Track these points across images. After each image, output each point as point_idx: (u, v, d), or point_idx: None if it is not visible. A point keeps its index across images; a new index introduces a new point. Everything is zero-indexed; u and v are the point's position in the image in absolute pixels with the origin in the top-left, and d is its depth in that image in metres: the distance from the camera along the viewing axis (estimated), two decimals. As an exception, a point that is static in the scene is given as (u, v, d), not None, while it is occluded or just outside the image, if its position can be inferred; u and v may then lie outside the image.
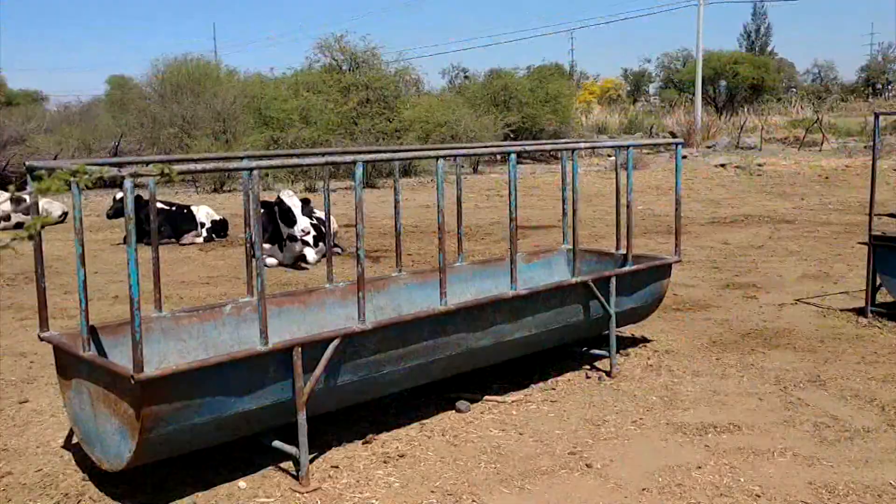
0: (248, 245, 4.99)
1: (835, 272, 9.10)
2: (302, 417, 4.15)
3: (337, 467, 4.35)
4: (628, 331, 6.65)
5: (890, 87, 76.55)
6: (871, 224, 7.24)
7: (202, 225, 12.54)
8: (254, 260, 4.25)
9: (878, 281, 7.13)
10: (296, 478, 4.19)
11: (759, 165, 23.67)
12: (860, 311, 7.21)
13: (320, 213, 10.41)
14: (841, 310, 7.41)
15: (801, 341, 6.49)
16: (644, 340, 6.56)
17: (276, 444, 4.32)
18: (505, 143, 15.33)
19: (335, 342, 4.25)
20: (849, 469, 4.20)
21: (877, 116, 7.23)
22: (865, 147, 28.15)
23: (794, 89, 74.78)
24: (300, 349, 4.11)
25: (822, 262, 9.74)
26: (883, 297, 7.22)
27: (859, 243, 7.12)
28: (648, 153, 27.07)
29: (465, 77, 40.35)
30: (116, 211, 12.35)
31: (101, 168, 2.22)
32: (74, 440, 4.44)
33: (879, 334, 6.65)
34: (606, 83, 73.71)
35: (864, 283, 7.26)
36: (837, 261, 9.76)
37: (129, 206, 3.52)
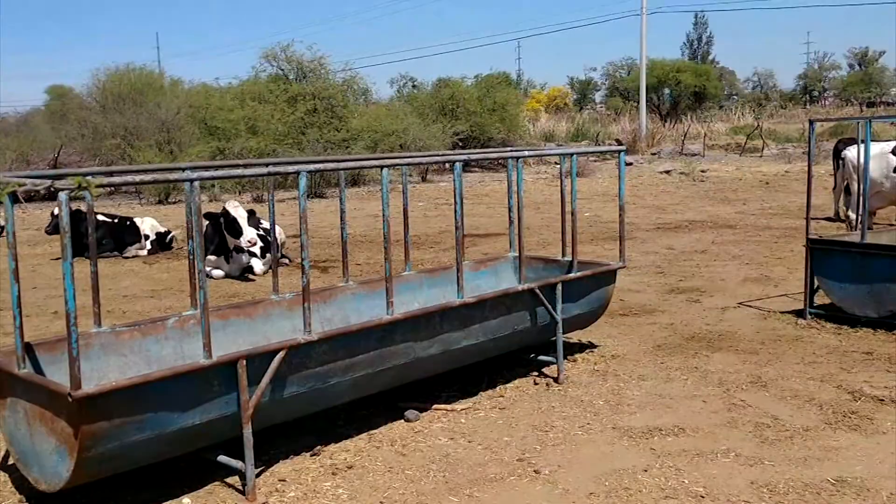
0: (190, 257, 4.92)
1: (775, 275, 9.31)
2: (248, 431, 4.10)
3: (284, 480, 4.31)
4: (575, 336, 6.71)
5: (826, 94, 78.75)
6: (809, 228, 7.42)
7: (146, 237, 12.34)
8: (196, 272, 4.19)
9: (816, 283, 7.31)
10: (242, 493, 4.13)
11: (703, 171, 24.13)
12: (799, 313, 7.38)
13: (267, 224, 10.31)
14: (781, 312, 7.58)
15: (743, 344, 6.62)
16: (591, 346, 6.63)
17: (222, 458, 4.26)
18: (450, 152, 15.35)
19: (280, 354, 4.22)
20: (789, 468, 4.29)
21: (811, 123, 7.42)
22: (804, 153, 28.88)
23: (736, 97, 76.51)
24: (245, 362, 4.06)
25: (762, 265, 9.95)
26: (821, 298, 7.40)
27: (804, 246, 7.30)
28: (595, 160, 27.38)
29: (414, 86, 40.31)
30: (55, 227, 12.03)
31: (16, 181, 2.17)
32: (10, 461, 4.32)
33: (818, 335, 6.81)
34: (553, 91, 74.40)
35: (803, 286, 7.43)
36: (778, 264, 9.97)
37: (65, 219, 3.45)
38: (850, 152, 11.92)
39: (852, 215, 11.36)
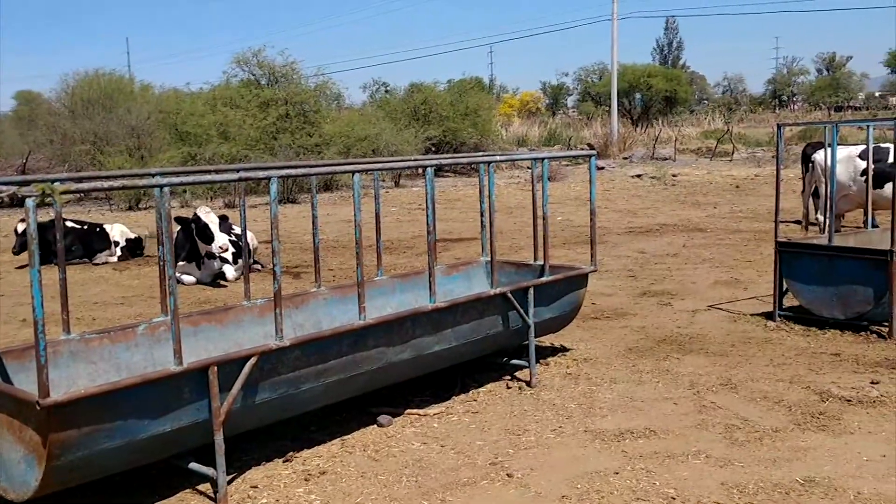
0: (160, 263, 4.89)
1: (745, 278, 9.41)
2: (219, 438, 4.08)
3: (256, 487, 4.29)
4: (547, 340, 6.74)
5: (795, 98, 79.84)
6: (777, 231, 7.52)
7: (116, 244, 12.22)
8: (167, 278, 4.17)
9: (785, 286, 7.40)
10: (214, 500, 4.11)
11: (674, 176, 24.34)
12: (769, 316, 7.46)
13: (239, 230, 10.25)
14: (751, 314, 7.66)
15: (713, 346, 6.68)
16: (563, 349, 6.66)
17: (193, 466, 4.23)
18: (422, 157, 15.36)
19: (252, 360, 4.20)
20: (758, 468, 4.34)
21: (779, 128, 7.52)
22: (773, 157, 29.22)
23: (706, 101, 77.39)
24: (216, 368, 4.04)
25: (732, 268, 10.05)
26: (790, 301, 7.49)
27: (773, 249, 7.39)
28: (567, 165, 27.54)
29: (386, 91, 40.32)
30: (22, 245, 11.20)
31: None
32: (-22, 470, 4.26)
33: (787, 337, 6.89)
34: (525, 96, 74.79)
35: (772, 289, 7.52)
36: (748, 267, 10.08)
37: (32, 224, 3.41)
38: (819, 156, 12.08)
39: (821, 218, 11.52)
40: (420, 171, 24.08)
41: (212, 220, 9.86)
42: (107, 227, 12.43)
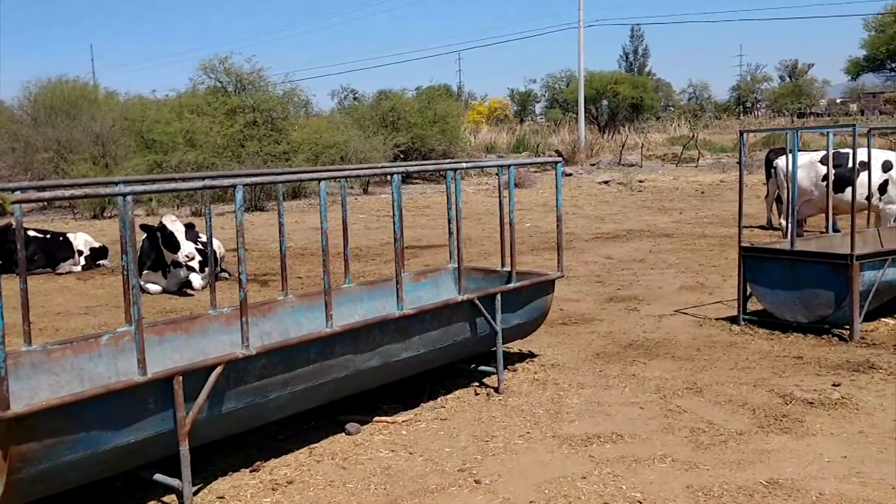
0: (123, 272, 4.84)
1: (710, 283, 9.51)
2: (184, 448, 4.04)
3: (223, 497, 4.25)
4: (515, 346, 6.76)
5: (759, 105, 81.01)
6: (741, 236, 7.62)
7: (80, 253, 12.06)
8: (130, 287, 4.13)
9: (749, 290, 7.49)
10: (179, 511, 4.07)
11: (640, 182, 24.56)
12: (733, 320, 7.55)
13: (205, 238, 10.17)
14: (716, 319, 7.75)
15: (679, 350, 6.75)
16: (531, 355, 6.69)
17: (158, 477, 4.19)
18: (389, 164, 15.32)
19: (218, 369, 4.17)
20: (723, 471, 4.39)
21: (742, 134, 7.63)
22: (738, 162, 29.55)
23: (672, 108, 78.28)
24: (181, 378, 4.01)
25: (698, 273, 10.16)
26: (754, 305, 7.58)
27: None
28: (536, 171, 27.66)
29: (354, 98, 40.34)
30: None
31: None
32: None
33: (751, 341, 6.98)
34: (494, 103, 75.05)
35: (737, 293, 7.61)
36: (713, 272, 10.20)
37: (-8, 235, 3.36)
38: (781, 161, 12.26)
39: (783, 223, 11.68)
40: (388, 178, 24.10)
41: (178, 229, 9.78)
42: (70, 235, 12.26)
